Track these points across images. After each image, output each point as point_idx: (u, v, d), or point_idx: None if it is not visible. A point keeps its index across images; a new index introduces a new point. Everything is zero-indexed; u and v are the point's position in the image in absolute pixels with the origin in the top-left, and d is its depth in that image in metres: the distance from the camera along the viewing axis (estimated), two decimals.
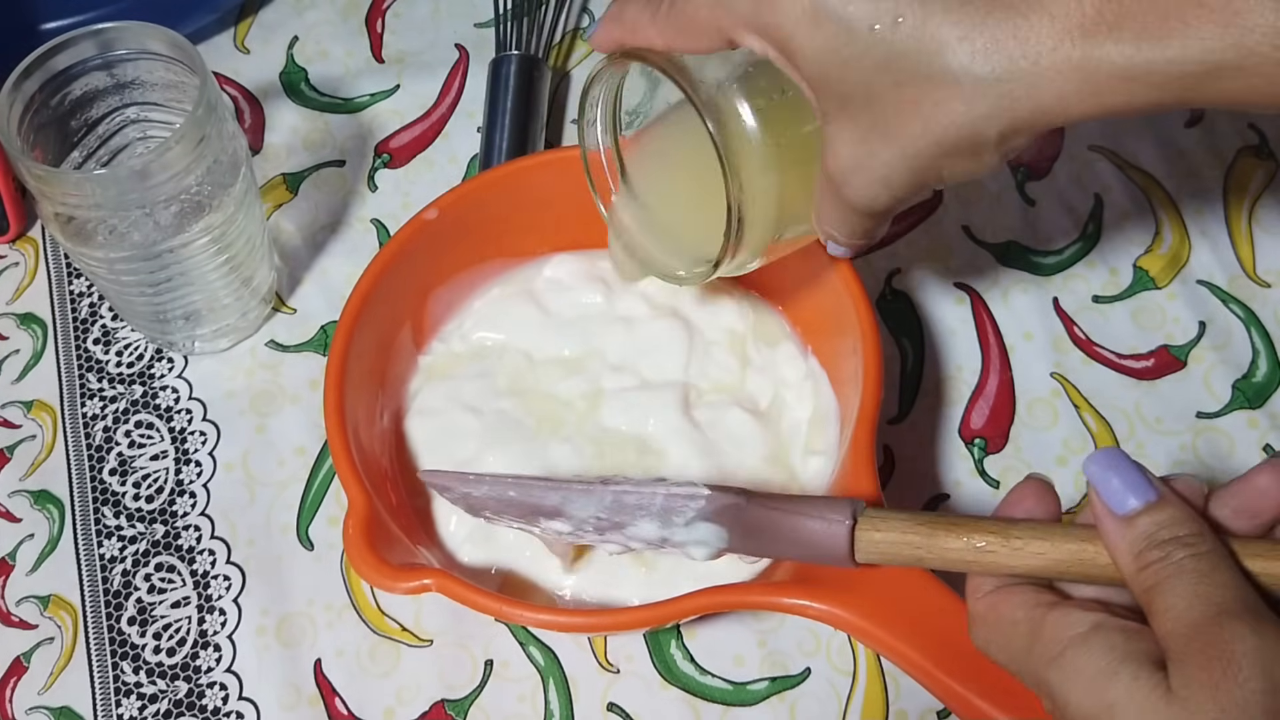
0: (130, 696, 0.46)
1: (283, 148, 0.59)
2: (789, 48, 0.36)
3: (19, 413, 0.53)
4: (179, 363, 0.53)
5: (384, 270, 0.48)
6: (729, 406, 0.48)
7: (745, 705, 0.45)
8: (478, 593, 0.41)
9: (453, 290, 0.51)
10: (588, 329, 0.50)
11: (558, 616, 0.42)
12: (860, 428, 0.43)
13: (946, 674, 0.38)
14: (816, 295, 0.48)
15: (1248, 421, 0.50)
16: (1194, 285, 0.54)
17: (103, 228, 0.46)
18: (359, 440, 0.45)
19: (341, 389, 0.45)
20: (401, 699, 0.46)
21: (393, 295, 0.48)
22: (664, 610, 0.41)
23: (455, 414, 0.48)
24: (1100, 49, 0.32)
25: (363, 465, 0.44)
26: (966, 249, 0.55)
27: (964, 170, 0.36)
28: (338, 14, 0.64)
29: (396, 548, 0.43)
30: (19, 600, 0.48)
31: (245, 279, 0.51)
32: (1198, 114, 0.59)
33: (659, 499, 0.40)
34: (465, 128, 0.60)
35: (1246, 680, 0.29)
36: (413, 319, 0.50)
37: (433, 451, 0.48)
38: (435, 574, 0.41)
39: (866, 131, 0.36)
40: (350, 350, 0.46)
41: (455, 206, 0.49)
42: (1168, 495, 0.33)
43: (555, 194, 0.49)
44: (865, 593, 0.39)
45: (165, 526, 0.50)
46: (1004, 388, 0.52)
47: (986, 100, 0.34)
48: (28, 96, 0.45)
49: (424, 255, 0.49)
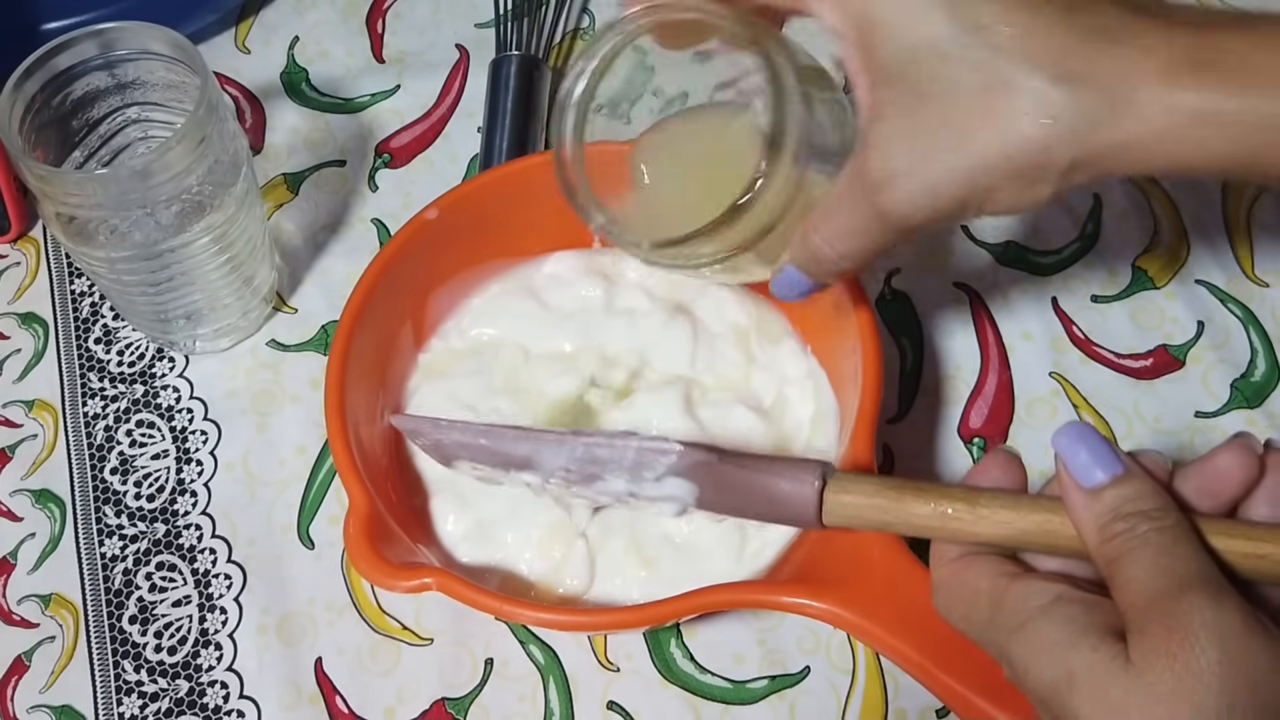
0: (131, 695, 0.46)
1: (283, 148, 0.59)
2: (873, 29, 0.35)
3: (20, 412, 0.53)
4: (180, 362, 0.54)
5: (385, 269, 0.48)
6: (733, 404, 0.48)
7: (745, 704, 0.45)
8: (478, 591, 0.41)
9: (453, 289, 0.51)
10: (588, 323, 0.50)
11: (558, 615, 0.42)
12: (860, 426, 0.43)
13: (946, 673, 0.38)
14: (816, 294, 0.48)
15: (1246, 421, 0.51)
16: (1192, 285, 0.54)
17: (104, 227, 0.46)
18: (359, 439, 0.45)
19: (342, 388, 0.45)
20: (402, 698, 0.46)
21: (393, 294, 0.48)
22: (665, 609, 0.41)
23: (452, 412, 0.48)
24: (1182, 90, 0.33)
25: (363, 464, 0.44)
26: (966, 249, 0.55)
27: (1012, 199, 0.35)
28: (338, 14, 0.64)
29: (397, 546, 0.43)
30: (20, 599, 0.49)
31: (246, 278, 0.51)
32: None
33: (630, 453, 0.41)
34: (465, 128, 0.60)
35: (1203, 651, 0.29)
36: (413, 318, 0.50)
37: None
38: (436, 573, 0.41)
39: (932, 133, 0.35)
40: (351, 349, 0.46)
41: (456, 206, 0.49)
42: (1134, 469, 0.33)
43: (556, 193, 0.49)
44: (865, 591, 0.39)
45: (166, 525, 0.50)
46: (1003, 387, 0.52)
47: (1067, 122, 0.34)
48: (29, 96, 0.46)
49: (424, 254, 0.49)
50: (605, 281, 0.51)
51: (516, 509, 0.46)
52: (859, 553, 0.40)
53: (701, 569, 0.44)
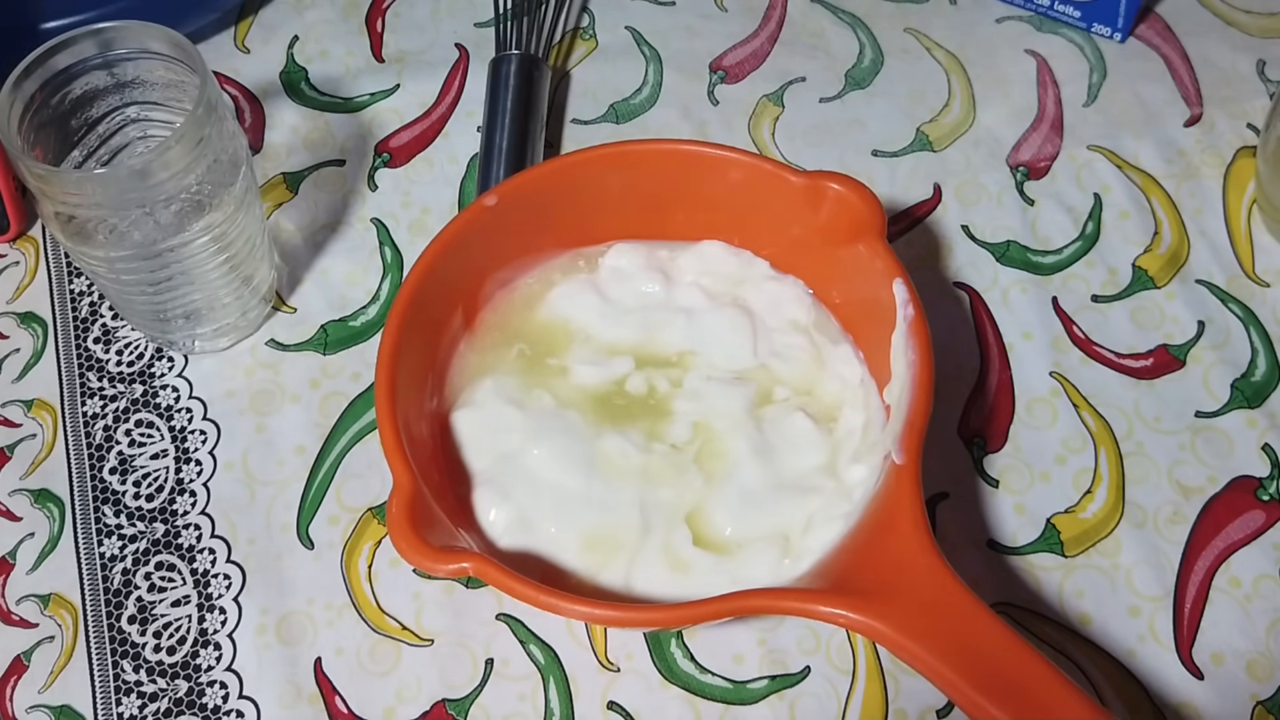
0: (130, 695, 0.46)
1: (283, 147, 0.59)
2: None
3: (19, 411, 0.53)
4: (179, 362, 0.54)
5: (442, 252, 0.48)
6: (794, 411, 0.47)
7: (745, 704, 0.45)
8: (515, 579, 0.40)
9: (509, 276, 0.51)
10: (648, 318, 0.50)
11: (595, 609, 0.41)
12: (910, 439, 0.43)
13: (982, 695, 0.37)
14: (867, 301, 0.48)
15: (1246, 421, 0.51)
16: (1193, 285, 0.54)
17: (103, 227, 0.46)
18: (406, 420, 0.45)
19: (394, 369, 0.45)
20: (402, 698, 0.46)
21: (448, 279, 0.48)
22: (701, 610, 0.41)
23: (500, 406, 0.48)
24: None
25: (409, 446, 0.44)
26: (966, 248, 0.55)
27: None
28: (338, 13, 0.64)
29: (438, 530, 0.42)
30: (19, 599, 0.48)
31: (245, 278, 0.51)
32: (1197, 114, 0.59)
33: None
34: (465, 127, 0.60)
35: None
36: (465, 304, 0.50)
37: (477, 443, 0.48)
38: (475, 558, 0.41)
39: None
40: (404, 331, 0.46)
41: (515, 194, 0.49)
42: None
43: (615, 184, 0.50)
44: (904, 606, 0.39)
45: (165, 525, 0.50)
46: (1003, 387, 0.52)
47: None
48: (28, 96, 0.45)
49: (481, 241, 0.49)
50: (663, 278, 0.51)
51: (561, 503, 0.46)
52: (901, 568, 0.40)
53: (736, 574, 0.44)
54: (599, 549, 0.45)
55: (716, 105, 0.61)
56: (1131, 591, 0.47)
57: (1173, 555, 0.48)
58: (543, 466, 0.46)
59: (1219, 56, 0.61)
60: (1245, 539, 0.48)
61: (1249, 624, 0.46)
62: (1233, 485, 0.49)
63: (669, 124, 0.60)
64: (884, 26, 0.63)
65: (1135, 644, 0.46)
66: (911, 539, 0.41)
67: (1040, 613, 0.47)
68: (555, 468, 0.46)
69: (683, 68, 0.62)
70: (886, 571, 0.40)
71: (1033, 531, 0.48)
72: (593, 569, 0.45)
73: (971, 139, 0.59)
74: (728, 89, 0.61)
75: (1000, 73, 0.61)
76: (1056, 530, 0.48)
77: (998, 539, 0.48)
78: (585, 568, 0.45)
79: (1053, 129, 0.59)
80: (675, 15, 0.64)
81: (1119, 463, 0.50)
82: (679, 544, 0.45)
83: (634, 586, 0.45)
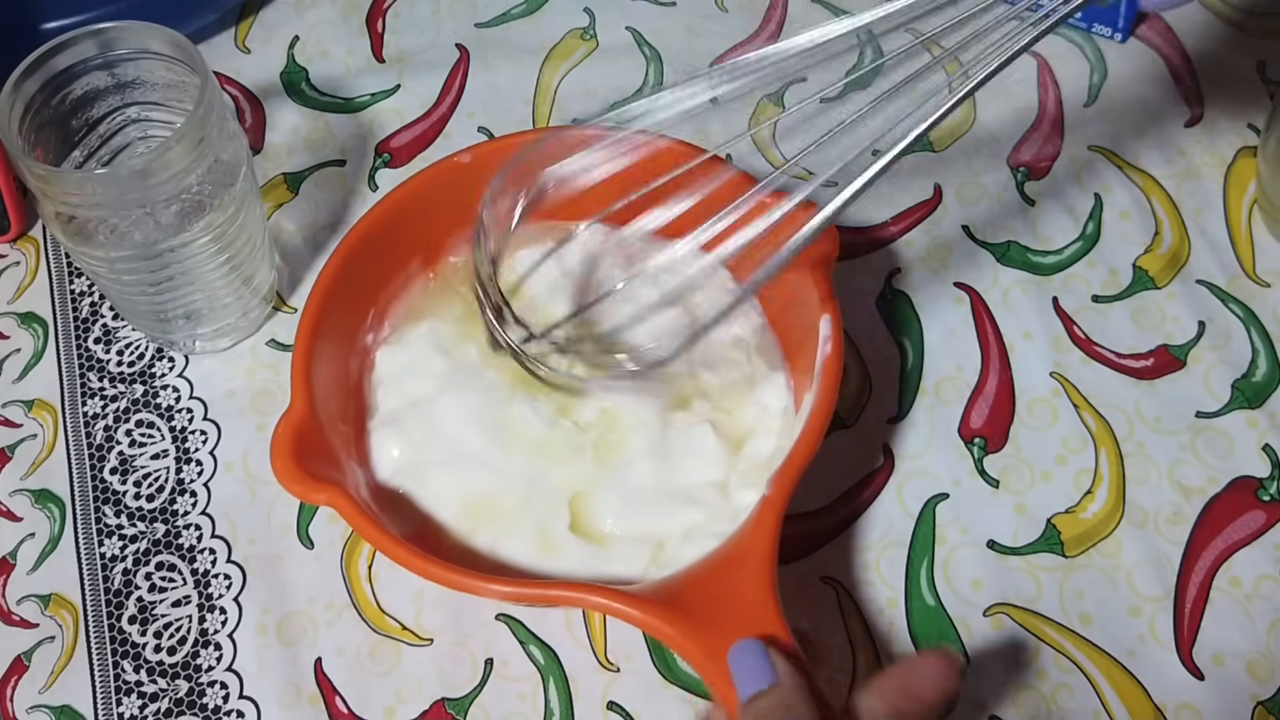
0: (131, 695, 0.46)
1: (283, 147, 0.59)
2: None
3: (20, 412, 0.53)
4: (180, 362, 0.54)
5: (405, 199, 0.49)
6: (703, 423, 0.47)
7: None
8: (366, 520, 0.41)
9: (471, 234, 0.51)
10: (598, 302, 0.50)
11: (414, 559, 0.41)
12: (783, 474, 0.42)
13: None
14: (809, 328, 0.47)
15: (1247, 421, 0.51)
16: (1193, 285, 0.54)
17: (104, 227, 0.46)
18: (330, 351, 0.46)
19: (326, 294, 0.47)
20: (402, 697, 0.46)
21: (408, 225, 0.49)
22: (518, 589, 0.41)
23: (426, 350, 0.48)
24: None
25: (327, 376, 0.45)
26: (966, 248, 0.55)
27: None
28: (338, 14, 0.64)
29: (322, 461, 0.44)
30: (20, 599, 0.48)
31: (246, 278, 0.51)
32: (1198, 114, 0.59)
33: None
34: (466, 127, 0.60)
35: None
36: (426, 252, 0.51)
37: (395, 383, 0.48)
38: (339, 494, 0.42)
39: None
40: (347, 263, 0.47)
41: (490, 157, 0.50)
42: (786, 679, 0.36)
43: (597, 167, 0.49)
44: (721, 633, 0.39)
45: (166, 525, 0.50)
46: (1003, 387, 0.52)
47: None
48: (29, 96, 0.46)
49: (449, 195, 0.50)
50: (626, 266, 0.50)
51: (456, 460, 0.46)
52: (736, 596, 0.40)
53: (601, 570, 0.44)
54: (477, 514, 0.45)
55: (716, 105, 0.60)
56: (1132, 592, 0.47)
57: (1173, 555, 0.48)
58: (448, 418, 0.47)
59: (1219, 57, 0.61)
60: (1246, 539, 0.48)
61: (1249, 624, 0.46)
62: (1233, 485, 0.49)
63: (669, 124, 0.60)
64: (884, 26, 0.63)
65: (1135, 644, 0.46)
66: (752, 571, 0.41)
67: (1040, 613, 0.47)
68: (459, 423, 0.47)
69: (683, 68, 0.62)
70: (723, 597, 0.40)
71: (1033, 532, 0.48)
72: (467, 531, 0.45)
73: (972, 139, 0.59)
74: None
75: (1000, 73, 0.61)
76: (1057, 530, 0.48)
77: (998, 539, 0.48)
78: (461, 529, 0.45)
79: (1053, 129, 0.59)
80: (675, 15, 0.64)
81: (1119, 463, 0.50)
82: (554, 525, 0.45)
83: (499, 554, 0.45)
